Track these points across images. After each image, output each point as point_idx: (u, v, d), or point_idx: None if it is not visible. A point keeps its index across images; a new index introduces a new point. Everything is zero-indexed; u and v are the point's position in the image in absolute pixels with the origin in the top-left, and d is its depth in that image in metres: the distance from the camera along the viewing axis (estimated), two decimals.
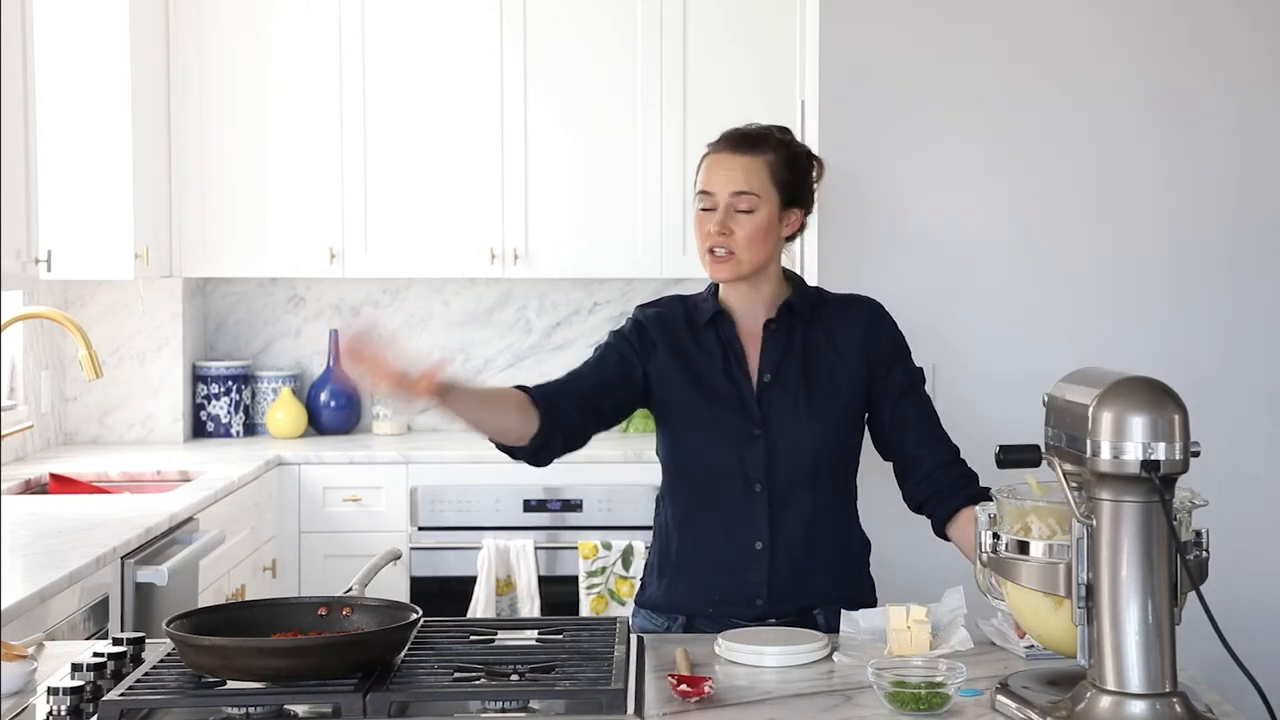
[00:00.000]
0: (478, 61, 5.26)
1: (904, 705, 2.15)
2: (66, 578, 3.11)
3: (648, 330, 2.84)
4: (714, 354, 2.80)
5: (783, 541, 2.76)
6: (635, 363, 2.81)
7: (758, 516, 2.76)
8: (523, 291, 5.68)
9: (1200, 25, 3.94)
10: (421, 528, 5.01)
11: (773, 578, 2.76)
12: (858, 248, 3.86)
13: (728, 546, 2.77)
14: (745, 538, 2.76)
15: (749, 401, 2.76)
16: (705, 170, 2.80)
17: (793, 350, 2.79)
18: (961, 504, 2.73)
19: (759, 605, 2.75)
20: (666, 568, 2.84)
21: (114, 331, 5.40)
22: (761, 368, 2.78)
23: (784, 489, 2.76)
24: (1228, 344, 3.97)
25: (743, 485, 2.75)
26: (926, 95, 3.93)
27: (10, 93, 3.77)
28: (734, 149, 2.78)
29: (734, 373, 2.78)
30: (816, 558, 2.78)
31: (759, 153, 2.77)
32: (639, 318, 2.87)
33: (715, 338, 2.81)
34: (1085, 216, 3.95)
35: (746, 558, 2.76)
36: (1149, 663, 2.03)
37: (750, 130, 2.82)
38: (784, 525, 2.76)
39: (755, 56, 5.20)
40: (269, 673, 2.14)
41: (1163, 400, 2.04)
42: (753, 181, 2.75)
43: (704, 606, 2.78)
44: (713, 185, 2.77)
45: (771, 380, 2.77)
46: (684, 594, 2.80)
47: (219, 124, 5.26)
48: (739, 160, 2.77)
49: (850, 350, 2.79)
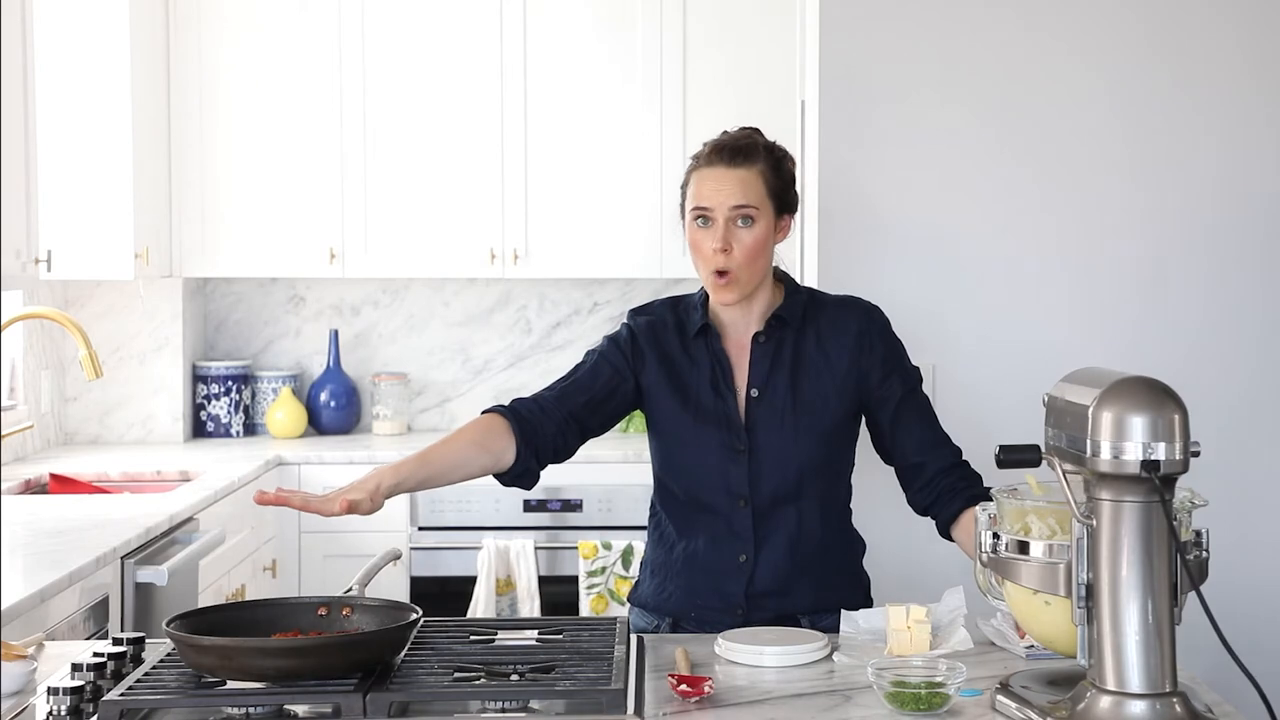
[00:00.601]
0: (478, 61, 5.26)
1: (904, 705, 2.15)
2: (66, 578, 3.11)
3: (639, 340, 2.80)
4: (702, 366, 2.77)
5: (766, 555, 2.75)
6: (628, 374, 2.79)
7: (742, 530, 2.75)
8: (523, 291, 5.68)
9: (1210, 20, 3.94)
10: (421, 528, 5.01)
11: (754, 589, 2.75)
12: (857, 248, 3.86)
13: (712, 557, 2.76)
14: (730, 550, 2.75)
15: (735, 418, 2.73)
16: (698, 186, 2.71)
17: (781, 361, 2.75)
18: (964, 505, 2.71)
19: (739, 614, 2.74)
20: (657, 568, 2.84)
21: (114, 331, 5.40)
22: (750, 382, 2.75)
23: (768, 504, 2.75)
24: (1228, 344, 3.96)
25: (727, 500, 2.74)
26: (927, 95, 3.93)
27: (10, 93, 3.77)
28: (727, 162, 2.70)
29: (721, 388, 2.75)
30: (801, 569, 2.77)
31: (751, 163, 2.71)
32: (632, 325, 2.83)
33: (704, 349, 2.78)
34: (1086, 216, 3.95)
35: (730, 569, 2.76)
36: (1149, 663, 2.03)
37: (739, 140, 2.74)
38: (768, 539, 2.75)
39: (755, 56, 5.20)
40: (269, 673, 2.14)
41: (1163, 400, 2.04)
42: (750, 194, 2.69)
43: (687, 611, 2.78)
44: (710, 201, 2.69)
45: (759, 396, 2.74)
46: (670, 596, 2.80)
47: (219, 124, 5.27)
48: (734, 174, 2.69)
49: (840, 358, 2.75)
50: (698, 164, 2.75)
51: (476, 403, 5.67)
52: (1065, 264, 3.97)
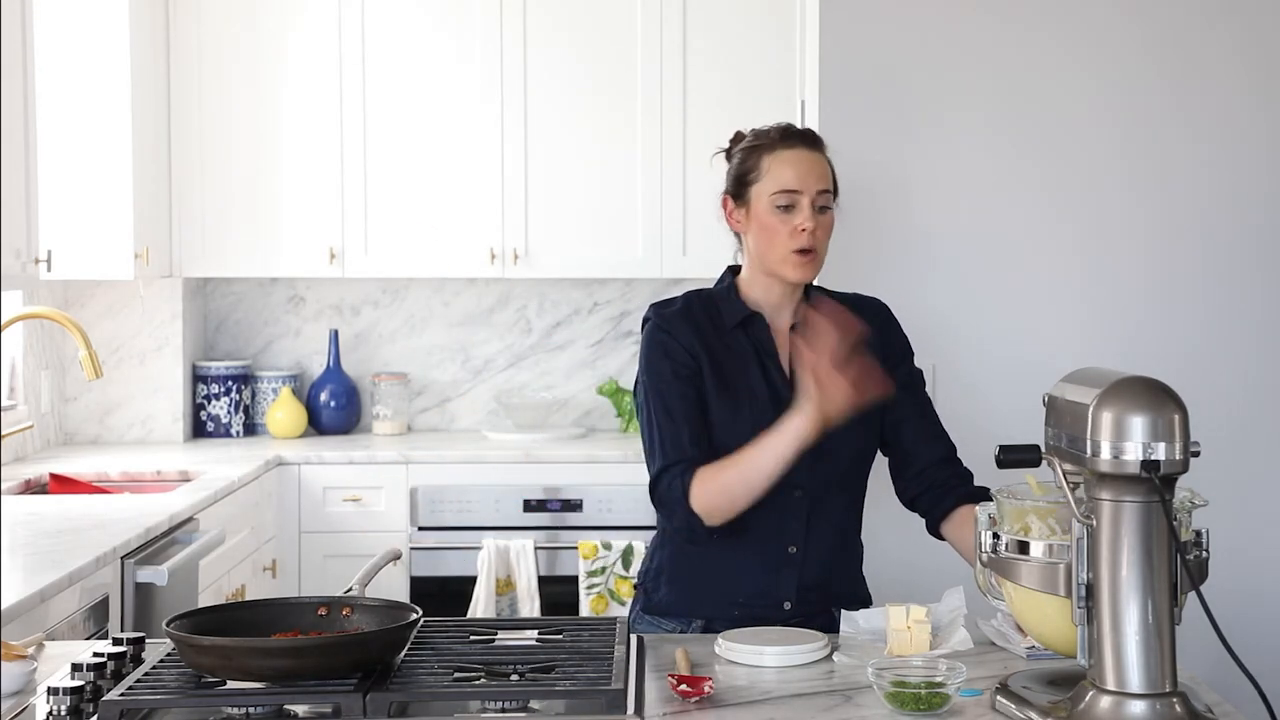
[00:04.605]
0: (478, 60, 5.26)
1: (904, 705, 2.15)
2: (66, 578, 3.11)
3: (687, 340, 2.73)
4: (745, 355, 2.75)
5: (815, 545, 2.75)
6: (698, 378, 2.73)
7: (794, 520, 2.74)
8: (523, 291, 5.68)
9: (1212, 30, 3.94)
10: (421, 528, 5.01)
11: (803, 581, 2.75)
12: (857, 248, 3.86)
13: (760, 550, 2.74)
14: (779, 542, 2.74)
15: (789, 404, 2.67)
16: (780, 167, 2.69)
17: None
18: (956, 503, 2.72)
19: (787, 609, 2.74)
20: (681, 572, 2.79)
21: (114, 331, 5.40)
22: (793, 370, 2.73)
23: (822, 493, 2.74)
24: (1229, 344, 3.96)
25: (782, 489, 2.67)
26: (927, 95, 3.93)
27: (10, 93, 3.77)
28: (809, 145, 2.73)
29: (771, 376, 2.74)
30: (843, 559, 2.79)
31: (823, 149, 2.75)
32: (670, 331, 2.74)
33: (746, 339, 2.76)
34: (1087, 216, 3.95)
35: (779, 561, 2.74)
36: (1149, 663, 2.03)
37: (801, 127, 2.78)
38: (818, 528, 2.75)
39: (755, 56, 5.20)
40: (269, 673, 2.14)
41: (1163, 400, 2.04)
42: (828, 180, 2.73)
43: (728, 609, 2.73)
44: (800, 184, 2.68)
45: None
46: (705, 597, 2.77)
47: (219, 124, 5.27)
48: (816, 157, 2.72)
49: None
50: (767, 147, 2.73)
51: (476, 403, 5.67)
52: (1065, 264, 3.97)
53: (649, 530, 2.96)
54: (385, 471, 5.06)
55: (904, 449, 2.80)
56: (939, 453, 2.79)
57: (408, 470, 5.05)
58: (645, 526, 4.62)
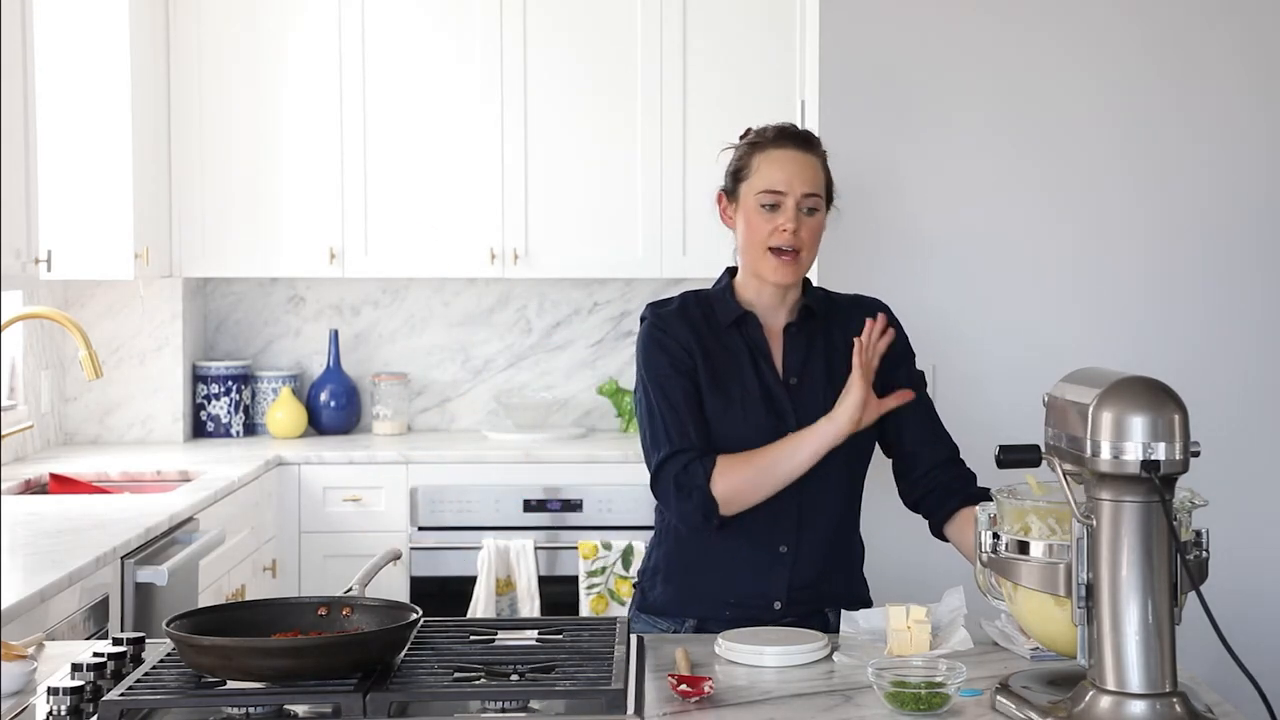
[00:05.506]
0: (478, 60, 5.26)
1: (904, 705, 2.15)
2: (66, 578, 3.11)
3: (684, 338, 2.75)
4: (740, 354, 2.76)
5: (806, 545, 2.75)
6: (696, 376, 2.75)
7: (785, 519, 2.74)
8: (523, 291, 5.68)
9: (1213, 32, 3.94)
10: (421, 528, 5.01)
11: (794, 581, 2.75)
12: (857, 248, 3.86)
13: (752, 550, 2.74)
14: (771, 541, 2.75)
15: (782, 403, 2.72)
16: (769, 167, 2.71)
17: (815, 352, 2.77)
18: (959, 504, 2.72)
19: (777, 609, 2.74)
20: (675, 571, 2.80)
21: (114, 331, 5.40)
22: (786, 370, 2.76)
23: (814, 493, 2.74)
24: (1229, 344, 3.96)
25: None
26: (927, 95, 3.93)
27: (10, 93, 3.77)
28: (800, 146, 2.73)
29: (764, 375, 2.75)
30: (835, 559, 2.79)
31: (816, 152, 2.75)
32: (666, 329, 2.76)
33: (740, 339, 2.77)
34: (1087, 216, 3.95)
35: (770, 561, 2.75)
36: (1149, 663, 2.03)
37: (800, 129, 2.78)
38: (810, 529, 2.75)
39: (755, 56, 5.19)
40: (269, 673, 2.14)
41: (1163, 400, 2.04)
42: (817, 182, 2.73)
43: (719, 610, 2.75)
44: (785, 184, 2.69)
45: (798, 383, 2.75)
46: (698, 597, 2.77)
47: (219, 124, 5.26)
48: (807, 159, 2.72)
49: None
50: (760, 146, 2.74)
51: (476, 403, 5.67)
52: (1065, 264, 3.97)
53: (649, 530, 2.96)
54: (385, 471, 5.06)
55: (907, 452, 2.80)
56: (942, 455, 2.79)
57: (408, 470, 5.05)
58: (645, 526, 4.61)
